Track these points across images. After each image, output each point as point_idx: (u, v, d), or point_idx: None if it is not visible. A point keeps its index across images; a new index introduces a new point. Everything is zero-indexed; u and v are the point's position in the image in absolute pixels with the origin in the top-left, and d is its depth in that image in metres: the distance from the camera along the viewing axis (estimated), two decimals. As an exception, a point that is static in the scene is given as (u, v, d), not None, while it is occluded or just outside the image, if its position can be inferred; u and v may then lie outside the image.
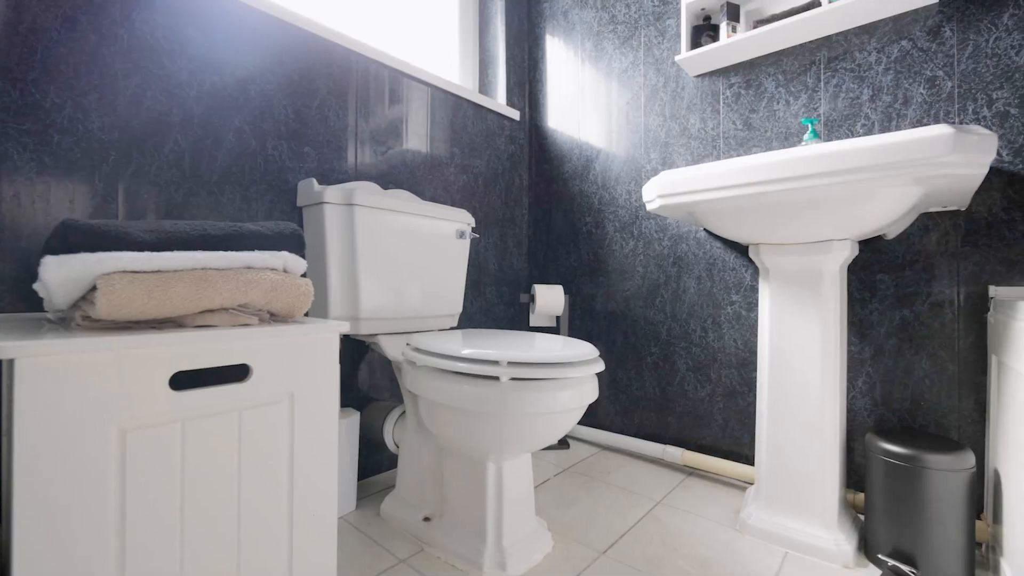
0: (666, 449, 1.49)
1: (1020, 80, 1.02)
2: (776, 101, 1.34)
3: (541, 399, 0.88)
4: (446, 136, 1.62)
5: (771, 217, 0.98)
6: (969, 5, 1.08)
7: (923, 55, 1.13)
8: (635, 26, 1.63)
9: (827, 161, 0.84)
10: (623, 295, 1.65)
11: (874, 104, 1.19)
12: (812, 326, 1.04)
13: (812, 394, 1.03)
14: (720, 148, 1.44)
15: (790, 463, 1.06)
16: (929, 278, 1.12)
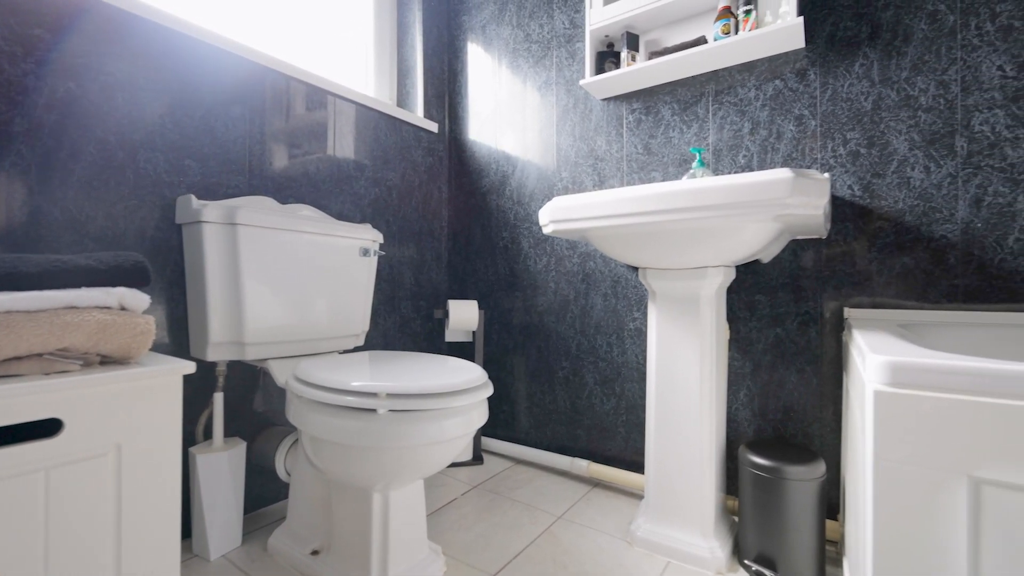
0: (574, 462, 1.52)
1: (868, 123, 1.13)
2: (672, 128, 1.41)
3: (424, 430, 0.88)
4: (356, 148, 1.57)
5: (652, 244, 1.03)
6: (829, 52, 1.18)
7: (793, 95, 1.23)
8: (548, 46, 1.67)
9: (695, 196, 0.89)
10: (537, 310, 1.68)
11: (753, 137, 1.28)
12: (691, 345, 1.10)
13: (692, 409, 1.10)
14: (624, 171, 1.50)
15: (673, 475, 1.12)
16: (798, 299, 1.22)
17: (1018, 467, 0.47)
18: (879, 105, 1.12)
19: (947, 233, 1.05)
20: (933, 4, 1.06)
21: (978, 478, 0.48)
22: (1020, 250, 0.98)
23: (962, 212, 1.04)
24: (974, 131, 1.02)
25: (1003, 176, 1.00)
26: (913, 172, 1.09)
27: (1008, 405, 0.47)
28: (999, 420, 0.47)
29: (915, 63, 1.08)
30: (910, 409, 0.51)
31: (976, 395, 0.49)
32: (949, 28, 1.05)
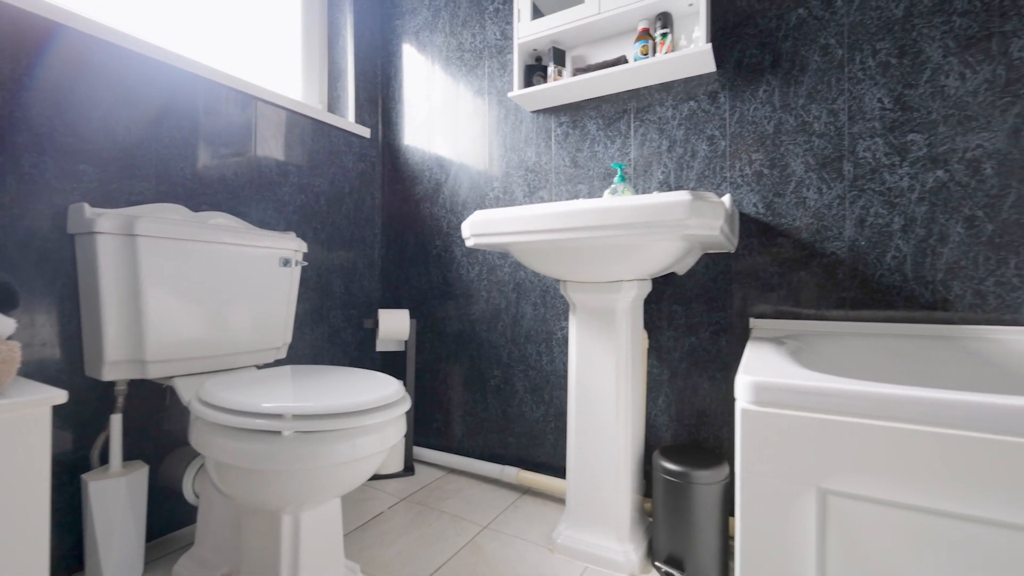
0: (504, 469, 1.54)
1: (770, 146, 1.22)
2: (597, 143, 1.45)
3: (335, 450, 0.86)
4: (281, 153, 1.52)
5: (569, 259, 1.06)
6: (737, 78, 1.26)
7: (705, 115, 1.30)
8: (480, 56, 1.67)
9: (604, 216, 0.92)
10: (470, 318, 1.68)
11: (671, 154, 1.34)
12: (608, 356, 1.14)
13: (609, 417, 1.13)
14: (552, 182, 1.53)
15: (592, 481, 1.15)
16: (710, 309, 1.29)
17: (856, 478, 0.51)
18: (780, 129, 1.20)
19: (836, 250, 1.14)
20: (825, 38, 1.15)
21: (825, 489, 0.53)
22: (896, 267, 1.08)
23: (849, 231, 1.13)
24: (859, 156, 1.12)
25: (882, 199, 1.10)
26: (808, 193, 1.17)
27: (848, 422, 0.52)
28: (842, 435, 0.52)
29: (810, 91, 1.17)
30: (771, 426, 0.56)
31: (823, 413, 0.53)
32: (838, 61, 1.14)
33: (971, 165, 1.01)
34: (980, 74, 1.01)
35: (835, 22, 1.14)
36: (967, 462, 0.46)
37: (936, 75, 1.04)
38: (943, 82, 1.04)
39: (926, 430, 0.48)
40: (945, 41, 1.04)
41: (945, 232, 1.04)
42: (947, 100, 1.03)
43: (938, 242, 1.04)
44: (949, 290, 1.03)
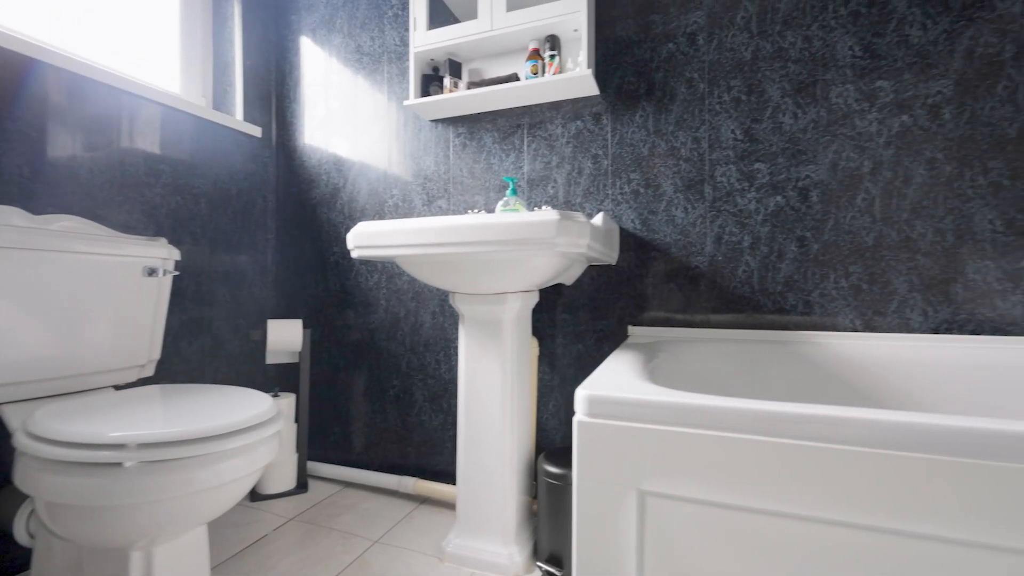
0: (402, 480, 1.53)
1: (645, 167, 1.32)
2: (493, 155, 1.49)
3: (193, 477, 0.80)
4: (150, 151, 1.39)
5: (453, 272, 1.08)
6: (617, 102, 1.35)
7: (591, 135, 1.38)
8: (379, 60, 1.64)
9: (480, 232, 0.95)
10: (369, 327, 1.65)
11: (560, 170, 1.41)
12: (495, 365, 1.17)
13: (495, 425, 1.17)
14: (451, 192, 1.54)
15: (480, 487, 1.18)
16: (595, 318, 1.37)
17: (669, 480, 0.58)
18: (653, 152, 1.31)
19: (699, 264, 1.27)
20: (690, 72, 1.27)
21: (644, 490, 0.59)
22: (745, 279, 1.22)
23: (709, 247, 1.26)
24: (717, 181, 1.25)
25: (735, 219, 1.23)
26: (676, 211, 1.29)
27: (660, 429, 0.58)
28: (656, 442, 0.58)
29: (678, 119, 1.29)
30: (601, 435, 0.61)
31: (640, 422, 0.59)
32: (700, 94, 1.27)
33: (802, 193, 1.17)
34: (808, 114, 1.17)
35: (698, 58, 1.27)
36: (758, 462, 0.54)
37: (776, 113, 1.19)
38: (781, 119, 1.19)
39: (722, 435, 0.55)
40: (782, 84, 1.19)
41: (783, 250, 1.19)
42: (784, 135, 1.19)
43: (777, 259, 1.19)
44: (786, 300, 1.19)
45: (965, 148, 1.05)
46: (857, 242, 1.13)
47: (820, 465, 0.52)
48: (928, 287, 1.08)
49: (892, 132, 1.10)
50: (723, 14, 1.24)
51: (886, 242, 1.11)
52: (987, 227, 1.04)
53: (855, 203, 1.13)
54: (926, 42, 1.08)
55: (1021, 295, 1.02)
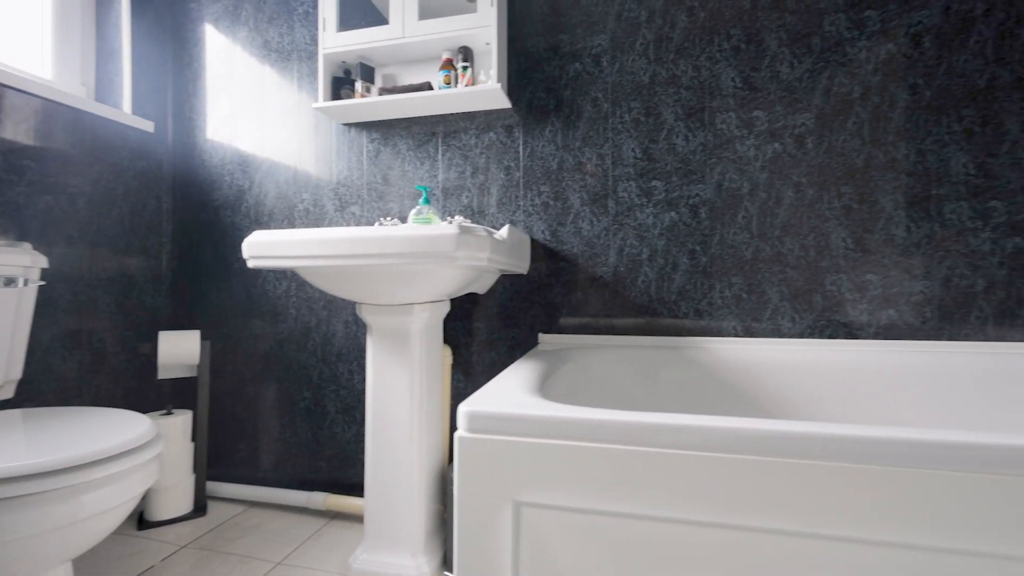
0: (311, 496, 1.47)
1: (555, 180, 1.37)
2: (408, 163, 1.48)
3: (48, 513, 0.73)
4: (13, 146, 1.23)
5: (356, 283, 1.06)
6: (528, 116, 1.39)
7: (503, 147, 1.41)
8: (289, 58, 1.58)
9: (381, 244, 0.94)
10: (277, 338, 1.57)
11: (474, 179, 1.43)
12: (403, 376, 1.16)
13: (403, 436, 1.16)
14: (364, 199, 1.51)
15: (388, 499, 1.17)
16: (507, 326, 1.40)
17: (543, 491, 0.61)
18: (562, 166, 1.36)
19: (604, 274, 1.33)
20: (595, 92, 1.34)
21: (519, 501, 0.61)
22: (644, 289, 1.31)
23: (612, 258, 1.33)
24: (619, 196, 1.32)
25: (635, 233, 1.31)
26: (583, 224, 1.35)
27: (534, 442, 0.61)
28: (530, 454, 0.61)
29: (584, 136, 1.35)
30: (480, 449, 0.63)
31: (517, 436, 0.62)
32: (604, 113, 1.33)
33: (692, 209, 1.27)
34: (697, 138, 1.27)
35: (602, 79, 1.33)
36: (623, 469, 0.58)
37: (670, 135, 1.29)
38: (674, 141, 1.29)
39: (590, 446, 0.59)
40: (676, 108, 1.28)
41: (676, 262, 1.28)
42: (677, 155, 1.28)
43: (672, 270, 1.29)
44: (679, 309, 1.28)
45: (823, 174, 1.19)
46: (738, 256, 1.24)
47: (677, 469, 0.57)
48: (795, 296, 1.21)
49: (766, 157, 1.23)
50: (624, 39, 1.32)
51: (762, 256, 1.23)
52: (840, 244, 1.19)
53: (736, 220, 1.25)
54: (793, 79, 1.21)
55: (866, 304, 1.17)
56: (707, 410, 1.20)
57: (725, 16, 1.25)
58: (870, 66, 1.17)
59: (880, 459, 0.52)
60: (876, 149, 1.17)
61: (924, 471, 0.51)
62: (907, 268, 1.15)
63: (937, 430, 0.52)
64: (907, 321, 1.15)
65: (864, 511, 0.52)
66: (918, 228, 1.14)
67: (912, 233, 1.15)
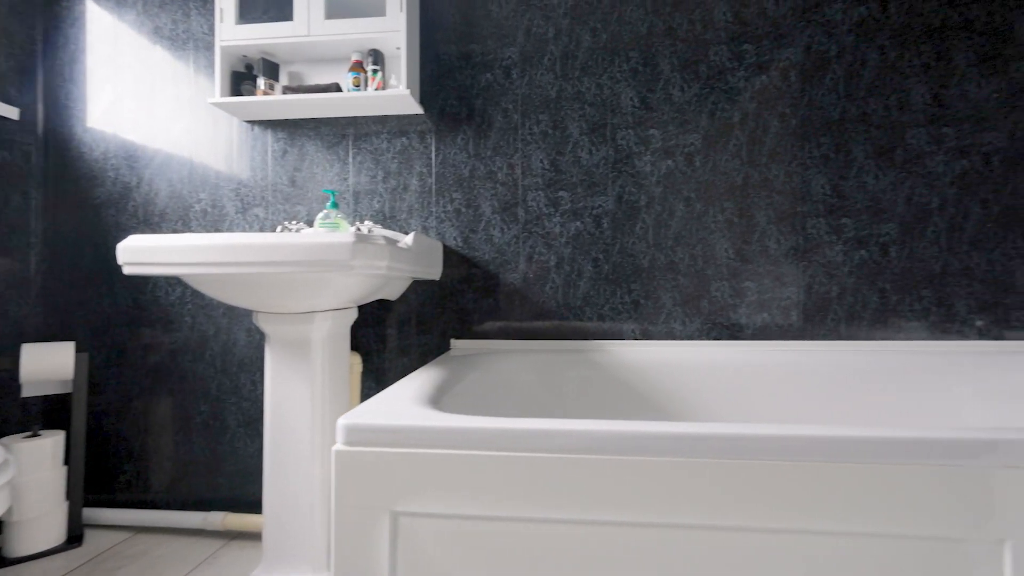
0: (207, 517, 1.38)
1: (467, 187, 1.39)
2: (316, 164, 1.43)
3: None
4: None
5: (249, 292, 1.01)
6: (441, 123, 1.40)
7: (416, 153, 1.40)
8: (185, 47, 1.47)
9: (272, 252, 0.91)
10: (170, 348, 1.46)
11: (386, 184, 1.41)
12: (304, 386, 1.13)
13: (304, 449, 1.12)
14: (269, 200, 1.44)
15: (289, 515, 1.12)
16: (420, 332, 1.40)
17: (420, 500, 0.62)
18: (473, 174, 1.38)
19: (514, 281, 1.37)
20: (505, 103, 1.37)
21: (396, 512, 0.62)
22: (552, 295, 1.36)
23: (522, 265, 1.37)
24: (528, 205, 1.37)
25: (543, 240, 1.36)
26: (494, 231, 1.38)
27: (412, 452, 0.62)
28: (408, 464, 0.62)
29: (495, 146, 1.38)
30: (358, 462, 0.63)
31: (396, 447, 0.62)
32: (514, 124, 1.37)
33: (596, 220, 1.34)
34: (600, 152, 1.34)
35: (512, 91, 1.37)
36: (493, 474, 0.61)
37: (575, 148, 1.35)
38: (579, 154, 1.35)
39: (465, 453, 0.61)
40: (580, 123, 1.35)
41: (582, 270, 1.35)
42: (582, 168, 1.35)
43: (578, 277, 1.35)
44: (584, 314, 1.35)
45: (709, 191, 1.31)
46: (636, 264, 1.33)
47: (542, 472, 0.60)
48: (686, 302, 1.32)
49: (661, 173, 1.32)
50: (533, 54, 1.36)
51: (657, 264, 1.32)
52: (723, 254, 1.30)
53: (635, 231, 1.33)
54: (683, 102, 1.32)
55: (745, 308, 1.30)
56: (608, 409, 1.27)
57: (625, 39, 1.33)
58: (747, 94, 1.30)
59: (724, 453, 0.59)
60: (752, 169, 1.30)
61: (760, 463, 0.58)
62: (778, 276, 1.29)
63: (769, 425, 0.60)
64: (778, 323, 1.29)
65: (715, 500, 0.58)
66: (786, 241, 1.29)
67: (781, 245, 1.29)
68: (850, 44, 1.27)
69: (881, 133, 1.26)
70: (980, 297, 1.24)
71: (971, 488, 0.55)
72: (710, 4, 1.31)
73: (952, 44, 1.24)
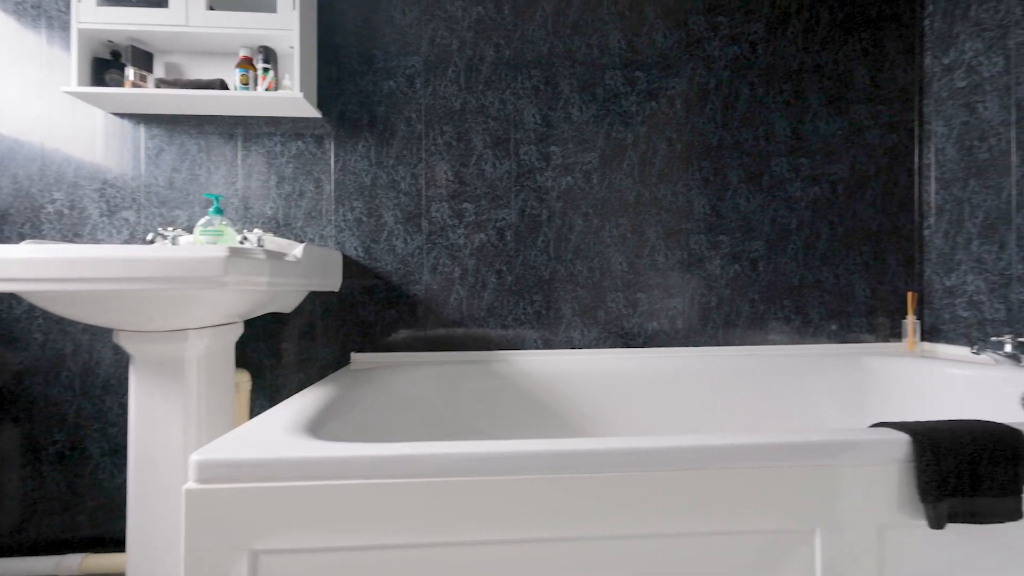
0: (62, 561, 1.21)
1: (368, 196, 1.35)
2: (199, 166, 1.31)
3: None
4: None
5: (106, 309, 0.90)
6: (340, 128, 1.35)
7: (313, 158, 1.34)
8: (37, 25, 1.28)
9: (127, 267, 0.82)
10: (14, 370, 1.26)
11: (280, 190, 1.33)
12: (175, 413, 1.03)
13: (175, 481, 1.02)
14: (142, 203, 1.30)
15: (157, 553, 1.02)
16: (318, 345, 1.34)
17: (279, 535, 0.59)
18: (376, 183, 1.35)
19: (417, 292, 1.35)
20: (408, 112, 1.35)
21: (256, 550, 0.59)
22: (457, 307, 1.36)
23: (426, 276, 1.36)
24: (432, 216, 1.36)
25: (448, 252, 1.36)
26: (397, 242, 1.35)
27: (269, 487, 0.59)
28: (266, 499, 0.59)
29: (399, 155, 1.35)
30: (213, 501, 0.58)
31: (251, 482, 0.59)
32: (418, 134, 1.36)
33: (499, 232, 1.36)
34: (504, 165, 1.37)
35: (416, 100, 1.35)
36: (365, 503, 0.59)
37: (480, 161, 1.36)
38: (484, 167, 1.36)
39: (326, 484, 0.59)
40: (484, 136, 1.36)
41: (486, 281, 1.36)
42: (486, 181, 1.36)
43: (482, 288, 1.36)
44: (488, 324, 1.36)
45: (606, 207, 1.38)
46: (538, 276, 1.37)
47: (404, 497, 0.60)
48: (584, 312, 1.38)
49: (561, 189, 1.37)
50: (437, 64, 1.36)
51: (558, 276, 1.37)
52: (618, 267, 1.38)
53: (537, 244, 1.37)
54: (582, 122, 1.38)
55: (637, 317, 1.39)
56: (508, 420, 1.29)
57: (527, 57, 1.37)
58: (639, 118, 1.39)
59: (581, 468, 0.62)
60: (644, 188, 1.39)
61: (613, 475, 0.62)
62: (666, 288, 1.39)
63: (619, 439, 0.64)
64: (666, 331, 1.39)
65: (578, 513, 0.61)
66: (673, 255, 1.39)
67: (669, 259, 1.39)
68: (726, 79, 1.40)
69: (751, 160, 1.40)
70: (830, 306, 1.42)
71: (786, 485, 0.63)
72: (606, 31, 1.38)
73: (807, 85, 1.41)
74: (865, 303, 1.43)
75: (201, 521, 0.58)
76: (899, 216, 1.44)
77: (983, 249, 1.26)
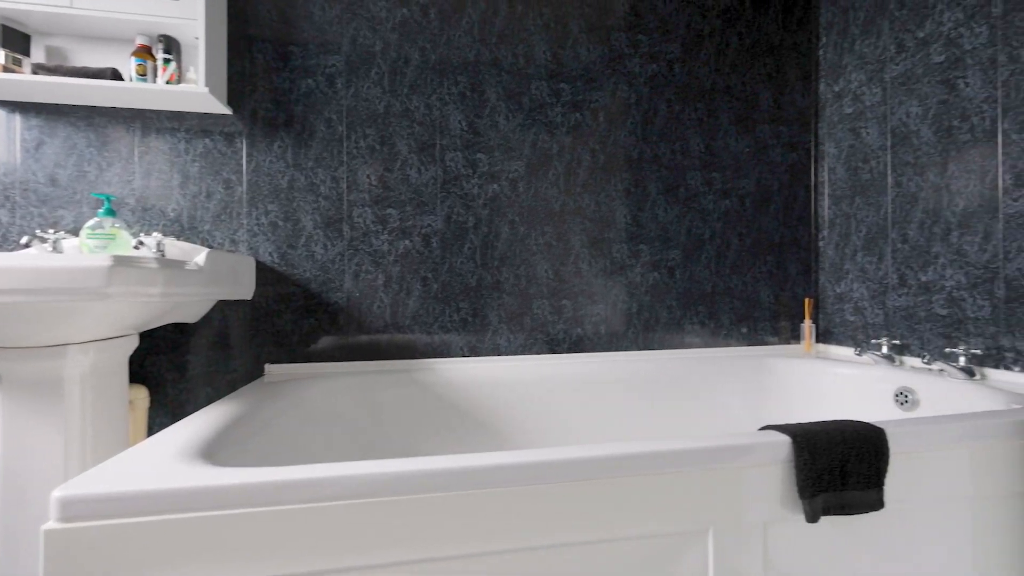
0: (-88, 612, 1.06)
1: (284, 199, 1.28)
2: (89, 162, 1.19)
3: None
4: None
5: (-40, 325, 0.80)
6: (253, 127, 1.27)
7: (222, 157, 1.25)
8: None
9: (-14, 277, 0.73)
10: None
11: (184, 191, 1.23)
12: (54, 439, 0.93)
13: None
14: (18, 202, 1.16)
15: (32, 599, 0.91)
16: (227, 357, 1.25)
17: (164, 573, 0.54)
18: (293, 185, 1.28)
19: (338, 300, 1.31)
20: (328, 113, 1.30)
21: (133, 592, 0.54)
22: (380, 314, 1.33)
23: (347, 283, 1.31)
24: (354, 221, 1.31)
25: (370, 258, 1.32)
26: (317, 247, 1.30)
27: (147, 521, 0.54)
28: (148, 535, 0.54)
29: (318, 157, 1.30)
30: (78, 541, 0.53)
31: (127, 517, 0.54)
32: (339, 136, 1.31)
33: (425, 238, 1.35)
34: (429, 171, 1.35)
35: (336, 101, 1.31)
36: (253, 532, 0.56)
37: (404, 166, 1.34)
38: (408, 172, 1.34)
39: (212, 515, 0.55)
40: (409, 141, 1.34)
41: (410, 288, 1.34)
42: (411, 186, 1.34)
43: (406, 296, 1.34)
44: (413, 332, 1.34)
45: (532, 215, 1.40)
46: (465, 283, 1.36)
47: (308, 523, 0.57)
48: (511, 319, 1.39)
49: (487, 196, 1.38)
50: (360, 65, 1.31)
51: (484, 283, 1.37)
52: (544, 275, 1.41)
53: (463, 251, 1.36)
54: (508, 130, 1.39)
55: (563, 324, 1.42)
56: (430, 430, 1.28)
57: (453, 63, 1.36)
58: (564, 129, 1.42)
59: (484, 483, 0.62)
60: (568, 197, 1.42)
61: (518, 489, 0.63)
62: (589, 295, 1.43)
63: (520, 452, 0.65)
64: (589, 336, 1.43)
65: (475, 530, 0.61)
66: (596, 263, 1.44)
67: (592, 267, 1.43)
68: (646, 95, 1.47)
69: (669, 173, 1.48)
70: (739, 312, 1.53)
71: (683, 489, 0.67)
72: (532, 42, 1.40)
73: (718, 104, 1.51)
74: (770, 308, 1.55)
75: (61, 565, 0.52)
76: (798, 228, 1.57)
77: (866, 260, 1.41)
